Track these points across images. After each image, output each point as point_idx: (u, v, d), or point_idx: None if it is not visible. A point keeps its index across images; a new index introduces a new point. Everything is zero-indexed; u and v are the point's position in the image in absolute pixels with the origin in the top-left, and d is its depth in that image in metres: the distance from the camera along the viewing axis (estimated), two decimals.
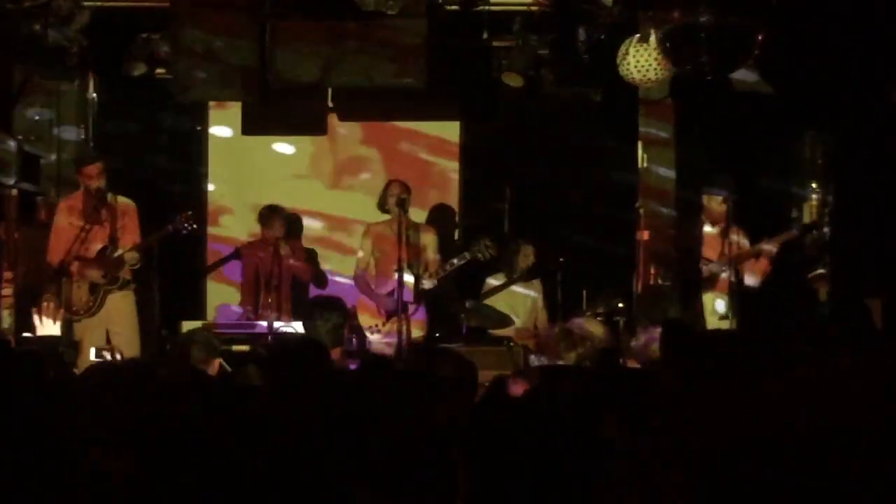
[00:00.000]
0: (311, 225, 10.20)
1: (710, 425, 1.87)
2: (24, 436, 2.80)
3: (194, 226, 8.36)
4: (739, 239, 8.24)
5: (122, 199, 8.26)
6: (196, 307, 9.96)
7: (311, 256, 9.79)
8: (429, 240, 8.55)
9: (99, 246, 8.13)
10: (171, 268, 8.96)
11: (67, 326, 8.04)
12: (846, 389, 1.74)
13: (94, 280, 8.06)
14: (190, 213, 8.30)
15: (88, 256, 8.10)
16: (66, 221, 8.13)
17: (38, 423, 2.88)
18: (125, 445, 2.87)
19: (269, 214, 9.28)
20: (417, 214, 9.07)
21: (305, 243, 9.91)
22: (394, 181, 8.59)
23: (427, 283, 8.40)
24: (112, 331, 8.06)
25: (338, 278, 9.90)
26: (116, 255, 8.12)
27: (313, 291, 9.68)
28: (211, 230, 10.15)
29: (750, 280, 8.29)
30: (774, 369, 3.76)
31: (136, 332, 8.18)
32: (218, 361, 6.09)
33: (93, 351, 6.90)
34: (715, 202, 8.33)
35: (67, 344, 7.62)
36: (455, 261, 8.44)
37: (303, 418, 3.60)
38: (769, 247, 8.29)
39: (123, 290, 8.16)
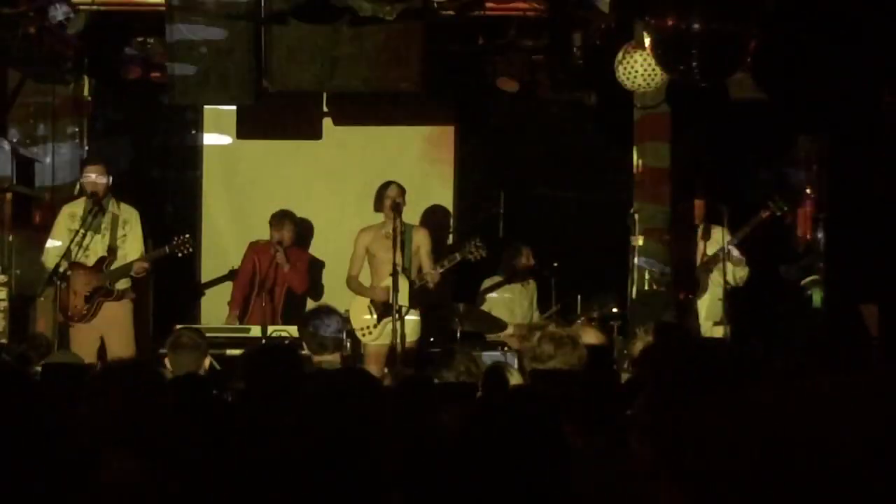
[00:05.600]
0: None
1: (701, 433, 1.87)
2: (32, 440, 2.79)
3: (190, 249, 8.35)
4: (726, 237, 8.22)
5: (124, 207, 8.24)
6: (190, 312, 9.95)
7: (312, 267, 9.75)
8: (421, 240, 8.50)
9: (98, 253, 8.11)
10: (166, 273, 8.96)
11: (61, 330, 8.04)
12: (841, 402, 1.74)
13: (87, 292, 8.04)
14: (187, 235, 8.27)
15: (87, 265, 8.08)
16: (64, 226, 8.10)
17: (45, 426, 2.87)
18: (136, 445, 2.87)
19: (281, 218, 9.24)
20: (412, 219, 9.05)
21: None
22: (391, 183, 8.54)
23: (429, 279, 8.29)
24: (107, 337, 8.05)
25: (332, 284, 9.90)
26: (114, 266, 8.10)
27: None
28: (205, 234, 10.13)
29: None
30: (769, 377, 3.77)
31: (132, 339, 8.16)
32: (208, 359, 6.07)
33: None
34: (695, 206, 8.41)
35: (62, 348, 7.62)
36: (445, 262, 8.36)
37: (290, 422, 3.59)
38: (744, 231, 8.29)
39: (121, 299, 8.15)
